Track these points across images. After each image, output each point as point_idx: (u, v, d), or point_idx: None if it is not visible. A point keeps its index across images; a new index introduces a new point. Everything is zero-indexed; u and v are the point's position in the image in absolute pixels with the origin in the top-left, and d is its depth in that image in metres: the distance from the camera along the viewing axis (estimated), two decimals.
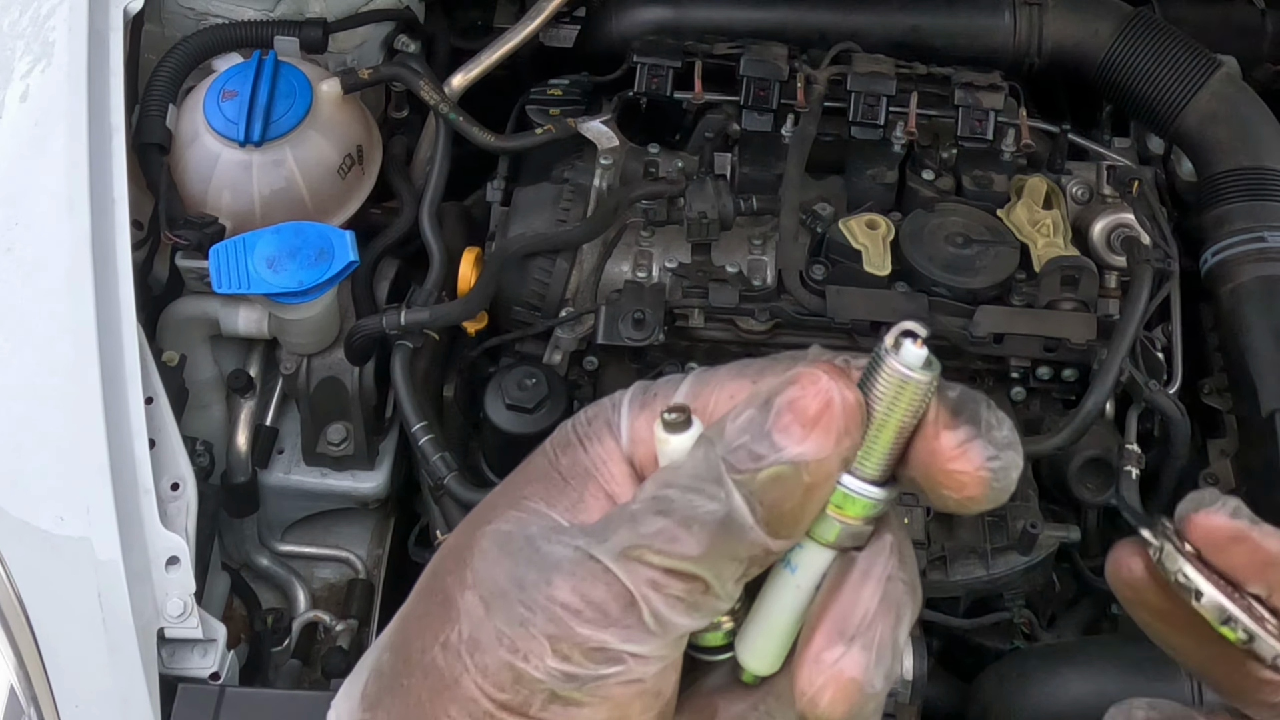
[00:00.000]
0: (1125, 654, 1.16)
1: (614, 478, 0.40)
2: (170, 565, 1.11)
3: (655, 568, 0.36)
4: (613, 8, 1.59)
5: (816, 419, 0.36)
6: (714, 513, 0.36)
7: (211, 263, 1.24)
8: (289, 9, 1.48)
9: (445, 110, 1.42)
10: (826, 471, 0.37)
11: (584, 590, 0.37)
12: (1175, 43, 1.50)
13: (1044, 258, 1.35)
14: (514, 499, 0.40)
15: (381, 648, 0.41)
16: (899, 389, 0.37)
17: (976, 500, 0.37)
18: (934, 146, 1.45)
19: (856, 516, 0.38)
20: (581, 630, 0.36)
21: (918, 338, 0.37)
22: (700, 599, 0.37)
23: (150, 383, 1.19)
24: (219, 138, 1.35)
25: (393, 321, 1.28)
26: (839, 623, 0.38)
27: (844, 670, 0.37)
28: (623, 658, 0.37)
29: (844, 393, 0.37)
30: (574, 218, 1.39)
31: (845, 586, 0.38)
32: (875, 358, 0.38)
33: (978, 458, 0.37)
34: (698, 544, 0.36)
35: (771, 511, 0.36)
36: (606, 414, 0.41)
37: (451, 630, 0.38)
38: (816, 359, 0.39)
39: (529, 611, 0.37)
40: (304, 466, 1.36)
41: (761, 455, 0.36)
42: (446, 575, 0.39)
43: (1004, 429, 0.37)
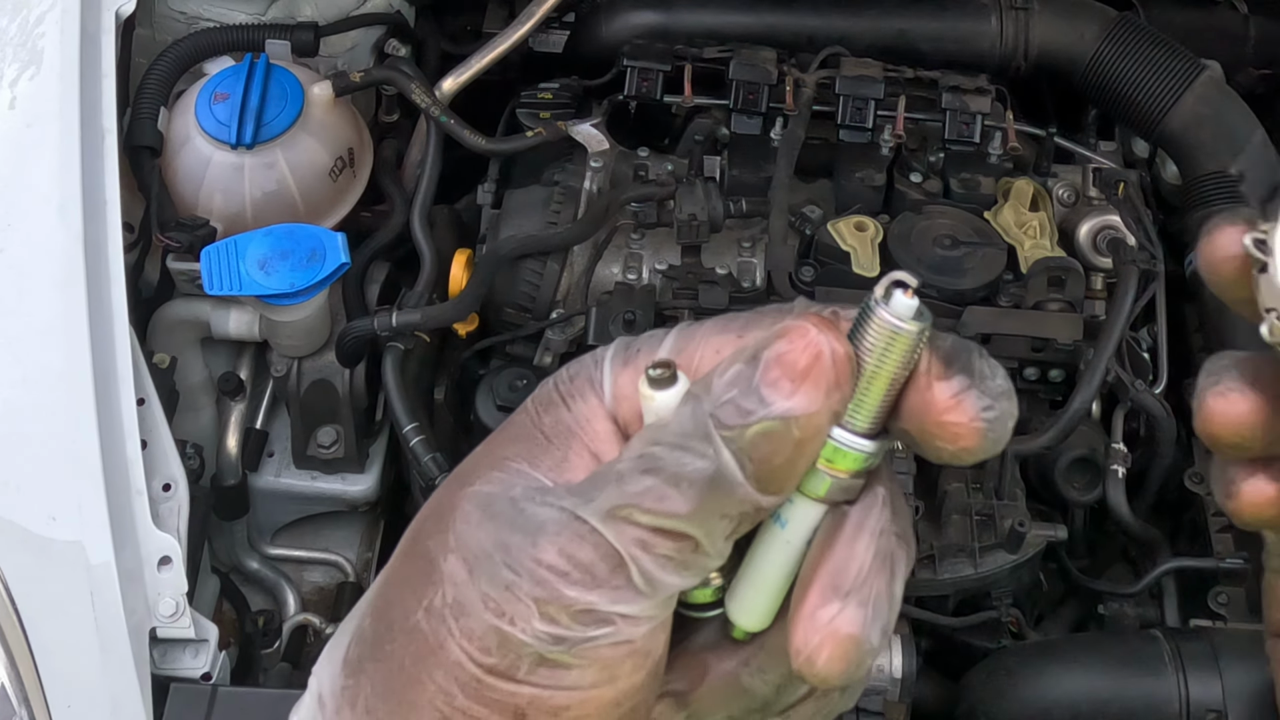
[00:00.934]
0: (1112, 650, 1.17)
1: (598, 436, 0.39)
2: (162, 565, 1.11)
3: (643, 527, 0.36)
4: (603, 12, 1.60)
5: (806, 372, 0.36)
6: (703, 470, 0.36)
7: (203, 265, 1.24)
8: (280, 13, 1.49)
9: (436, 113, 1.43)
10: (817, 426, 0.36)
11: (571, 551, 0.36)
12: (1159, 47, 1.51)
13: (1031, 259, 1.36)
14: (496, 459, 0.39)
15: (363, 613, 0.40)
16: (890, 340, 0.36)
17: (971, 451, 0.37)
18: (922, 149, 1.46)
19: (847, 470, 0.38)
20: (569, 592, 0.36)
21: (908, 288, 0.36)
22: (690, 558, 0.36)
23: (142, 384, 1.19)
24: (210, 140, 1.35)
25: (384, 323, 1.28)
26: (833, 579, 0.37)
27: (840, 627, 0.36)
28: (611, 619, 0.36)
29: (833, 345, 0.36)
30: (564, 220, 1.40)
31: (838, 542, 0.37)
32: (865, 309, 0.37)
33: (973, 408, 0.36)
34: (687, 502, 0.36)
35: (761, 467, 0.36)
36: (589, 371, 0.40)
37: (435, 594, 0.37)
38: (804, 312, 0.38)
39: (514, 574, 0.36)
40: (294, 469, 1.36)
41: (750, 410, 0.35)
42: (428, 539, 0.39)
43: (998, 378, 0.37)
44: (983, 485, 1.24)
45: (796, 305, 0.39)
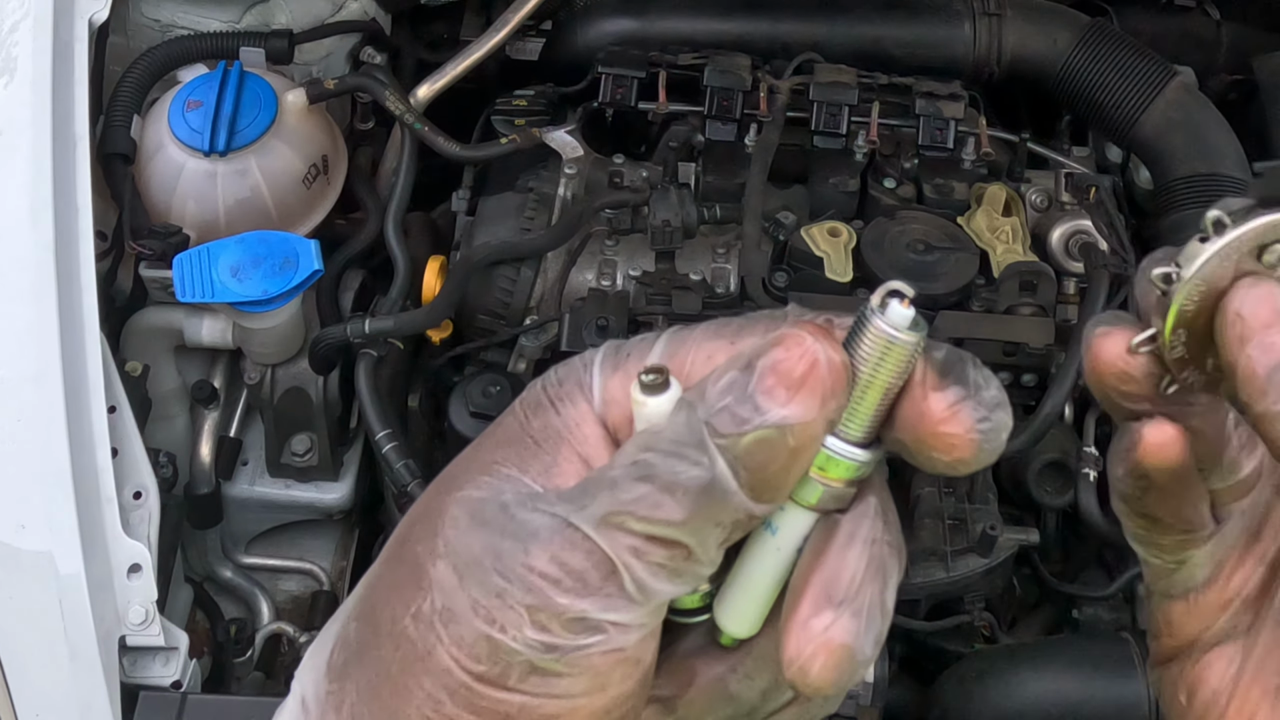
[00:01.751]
0: (1083, 653, 1.18)
1: (587, 440, 0.39)
2: (132, 573, 1.11)
3: (636, 534, 0.36)
4: (578, 19, 1.60)
5: (802, 381, 0.35)
6: (697, 478, 0.35)
7: (175, 272, 1.24)
8: (255, 20, 1.49)
9: (411, 120, 1.43)
10: (812, 434, 0.36)
11: (563, 559, 0.36)
12: (1132, 52, 1.52)
13: (1003, 264, 1.37)
14: (485, 463, 0.39)
15: (347, 617, 0.40)
16: (885, 349, 0.36)
17: (966, 462, 0.37)
18: (895, 155, 1.47)
19: (840, 479, 0.38)
20: (560, 600, 0.36)
21: (904, 297, 0.37)
22: (682, 565, 0.36)
23: (113, 392, 1.19)
24: (184, 148, 1.35)
25: (357, 330, 1.28)
26: (826, 588, 0.37)
27: (834, 637, 0.36)
28: (603, 627, 0.36)
29: (829, 354, 0.36)
30: (538, 227, 1.40)
31: (830, 550, 0.37)
32: (860, 318, 0.37)
33: (968, 419, 0.36)
34: (680, 510, 0.35)
35: (755, 475, 0.36)
36: (578, 374, 0.40)
37: (423, 600, 0.37)
38: (798, 319, 0.38)
39: (506, 581, 0.36)
40: (268, 478, 1.36)
41: (745, 419, 0.35)
42: (416, 543, 0.38)
43: (992, 388, 0.37)
44: (955, 489, 1.24)
45: (790, 312, 0.39)
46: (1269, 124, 1.53)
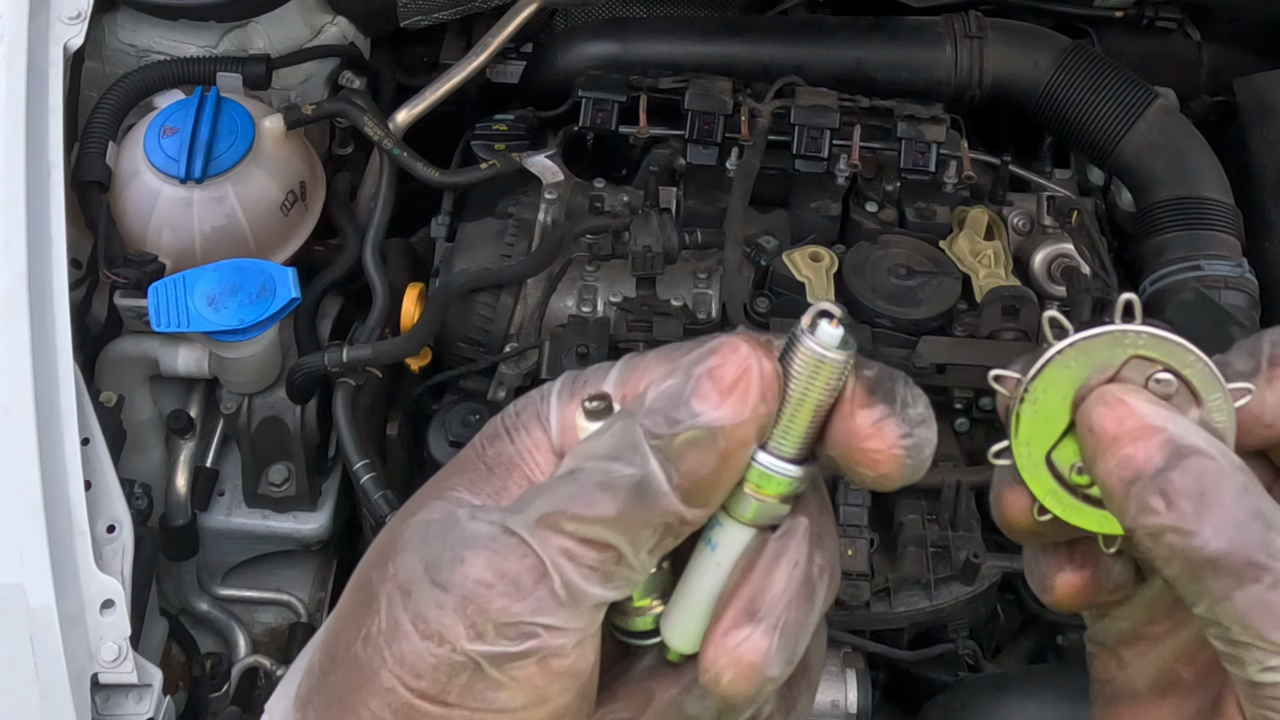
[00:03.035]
0: (1068, 680, 1.17)
1: (539, 466, 0.41)
2: (105, 609, 1.09)
3: (569, 535, 0.36)
4: (559, 43, 1.60)
5: (734, 385, 0.37)
6: (629, 476, 0.37)
7: (150, 301, 1.23)
8: (232, 45, 1.47)
9: (389, 146, 1.42)
10: (741, 438, 0.37)
11: (497, 564, 0.37)
12: (1113, 75, 1.52)
13: (985, 288, 1.36)
14: (439, 490, 0.41)
15: (315, 647, 0.41)
16: (815, 368, 0.38)
17: (891, 477, 0.38)
18: (877, 179, 1.47)
19: (774, 495, 0.39)
20: (494, 604, 0.36)
21: (833, 318, 0.38)
22: (613, 569, 0.37)
23: (87, 423, 1.17)
24: (159, 175, 1.34)
25: (335, 359, 1.27)
26: (747, 603, 0.38)
27: (744, 653, 0.37)
28: (537, 631, 0.37)
29: (761, 361, 0.37)
30: (518, 253, 1.39)
31: (756, 567, 0.39)
32: (792, 338, 0.39)
33: (891, 435, 0.38)
34: (612, 507, 0.36)
35: (687, 478, 0.37)
36: (535, 405, 0.41)
37: (373, 623, 0.38)
38: (737, 332, 0.39)
39: (443, 591, 0.37)
40: (245, 508, 1.34)
41: (678, 420, 0.37)
42: (371, 570, 0.39)
43: (919, 406, 0.38)
44: (938, 517, 1.23)
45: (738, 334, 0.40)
46: (1250, 145, 1.53)
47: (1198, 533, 0.36)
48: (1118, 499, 0.38)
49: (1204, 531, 0.36)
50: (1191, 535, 0.36)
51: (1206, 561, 0.36)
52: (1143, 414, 0.38)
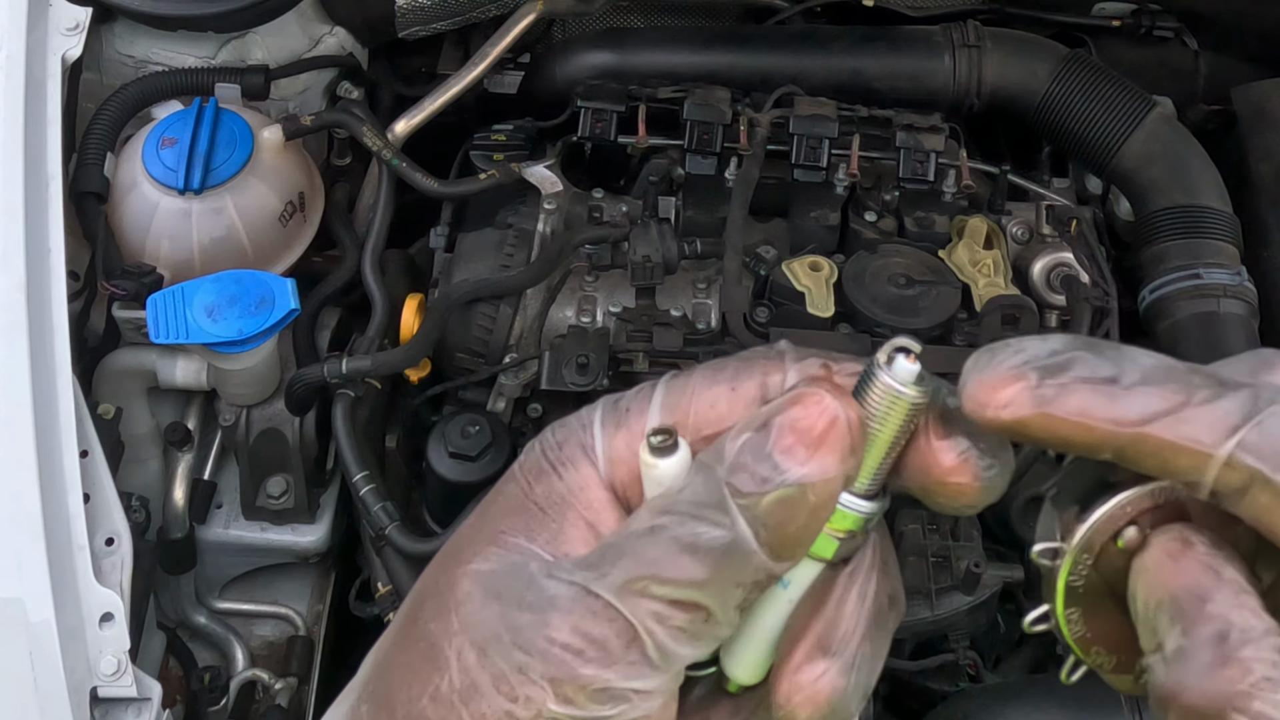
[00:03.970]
0: (1068, 691, 1.16)
1: (593, 505, 0.39)
2: (104, 622, 1.09)
3: (658, 599, 0.35)
4: (557, 53, 1.60)
5: (821, 439, 0.36)
6: (719, 538, 0.36)
7: (149, 313, 1.22)
8: (231, 56, 1.47)
9: (388, 156, 1.42)
10: (831, 492, 0.36)
11: (585, 628, 0.36)
12: (1111, 83, 1.52)
13: (985, 297, 1.36)
14: (491, 534, 0.39)
15: (357, 698, 0.39)
16: (891, 404, 0.37)
17: (974, 506, 0.38)
18: (876, 188, 1.46)
19: (847, 530, 0.38)
20: (584, 671, 0.35)
21: (910, 353, 0.37)
22: (703, 628, 0.36)
23: (85, 436, 1.17)
24: (158, 186, 1.34)
25: (334, 370, 1.26)
26: (820, 638, 0.37)
27: (821, 690, 0.37)
28: (627, 696, 0.36)
29: (848, 411, 0.36)
30: (517, 263, 1.39)
31: (829, 602, 0.38)
32: (867, 373, 0.38)
33: (975, 467, 0.37)
34: (703, 570, 0.35)
35: (775, 534, 0.36)
36: (578, 435, 0.40)
37: (442, 679, 0.37)
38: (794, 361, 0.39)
39: (526, 655, 0.35)
40: (243, 521, 1.33)
41: (766, 478, 0.36)
42: (429, 622, 0.38)
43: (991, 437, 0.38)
44: (938, 527, 1.23)
45: (784, 350, 0.39)
46: (1247, 154, 1.53)
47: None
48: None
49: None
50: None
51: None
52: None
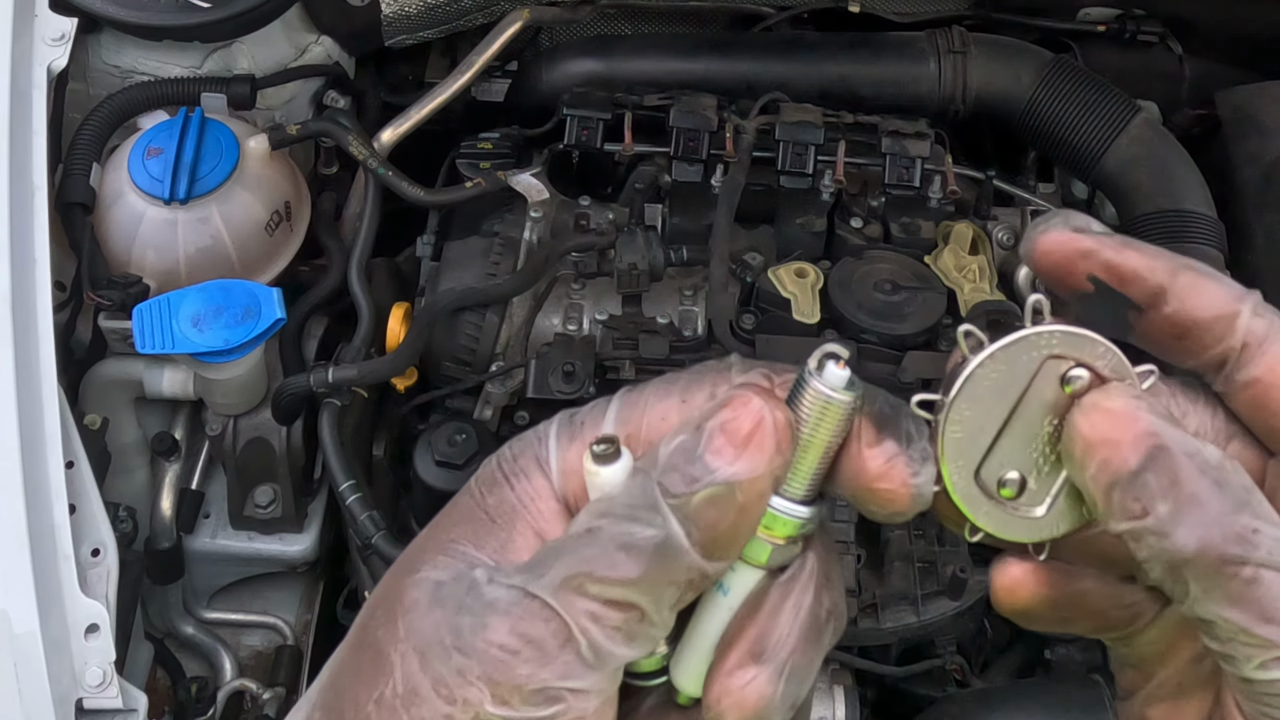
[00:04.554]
0: (1054, 696, 1.17)
1: (543, 515, 0.40)
2: (90, 633, 1.09)
3: (593, 598, 0.36)
4: (543, 61, 1.60)
5: (749, 439, 0.37)
6: (651, 538, 0.36)
7: (135, 323, 1.22)
8: (216, 65, 1.47)
9: (374, 165, 1.42)
10: (759, 491, 0.37)
11: (522, 629, 0.36)
12: (1096, 88, 1.53)
13: (970, 303, 1.36)
14: (441, 543, 0.40)
15: (310, 706, 0.40)
16: (823, 410, 0.38)
17: (904, 513, 0.39)
18: (862, 194, 1.47)
19: (784, 536, 0.39)
20: (520, 671, 0.36)
21: (840, 359, 0.38)
22: (637, 628, 0.37)
23: (71, 447, 1.16)
24: (144, 196, 1.34)
25: (320, 379, 1.26)
26: (753, 645, 0.38)
27: (748, 696, 0.38)
28: (563, 696, 0.36)
29: (774, 412, 0.37)
30: (504, 271, 1.39)
31: (764, 608, 0.39)
32: (799, 380, 0.39)
33: (901, 475, 0.38)
34: (636, 568, 0.36)
35: (707, 534, 0.37)
36: (534, 449, 0.41)
37: (386, 685, 0.37)
38: (740, 373, 0.39)
39: (465, 658, 0.36)
40: (230, 530, 1.33)
41: (695, 477, 0.37)
42: (378, 629, 0.39)
43: (923, 439, 0.39)
44: (925, 532, 1.23)
45: (733, 364, 0.40)
46: (1232, 158, 1.54)
47: (1173, 533, 0.36)
48: (1101, 505, 0.38)
49: (1178, 531, 0.36)
50: (1167, 536, 0.36)
51: (1185, 561, 0.36)
52: (1117, 413, 0.38)
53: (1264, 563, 0.35)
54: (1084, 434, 0.38)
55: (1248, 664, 0.36)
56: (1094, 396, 0.38)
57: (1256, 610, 0.35)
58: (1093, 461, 0.37)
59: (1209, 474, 0.36)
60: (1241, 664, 0.36)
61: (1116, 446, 0.37)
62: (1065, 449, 0.39)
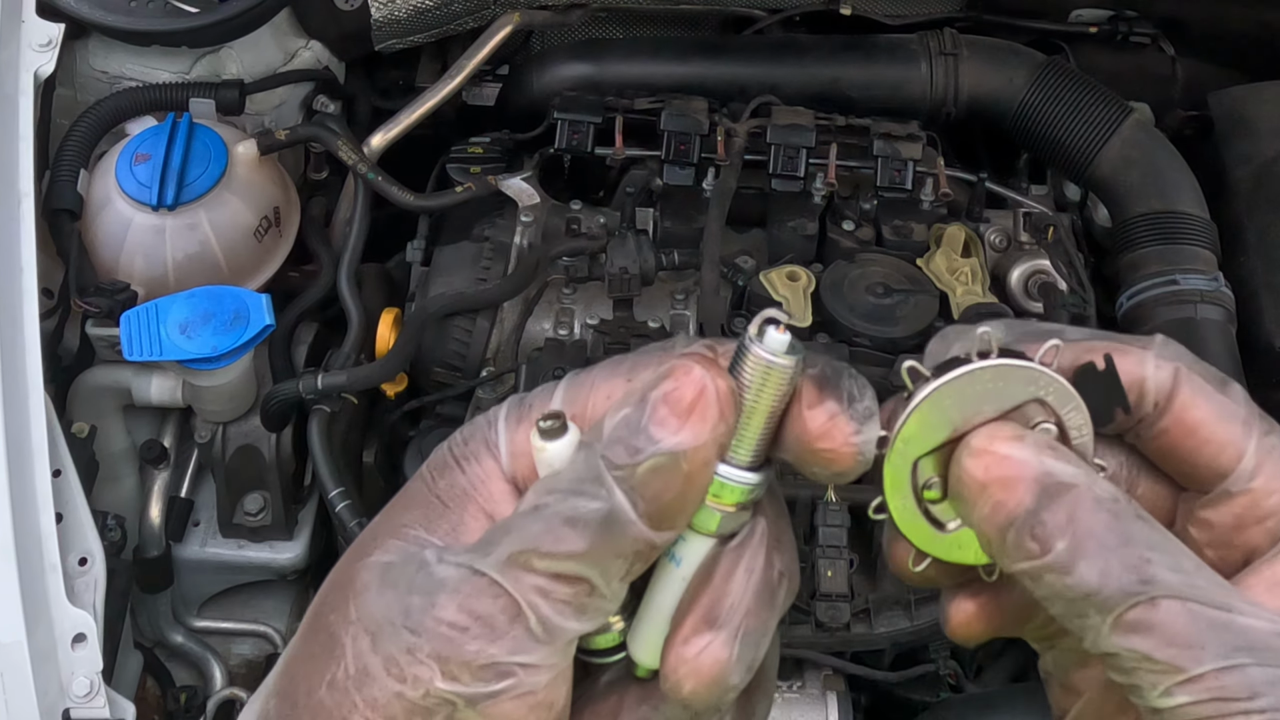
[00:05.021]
0: (1048, 702, 1.16)
1: (493, 497, 0.40)
2: (76, 643, 1.08)
3: (540, 573, 0.36)
4: (534, 65, 1.60)
5: (691, 408, 0.37)
6: (596, 510, 0.37)
7: (123, 330, 1.22)
8: (205, 71, 1.47)
9: (364, 170, 1.41)
10: (703, 459, 0.37)
11: (470, 606, 0.37)
12: (1088, 90, 1.52)
13: (963, 306, 1.36)
14: (393, 527, 0.40)
15: (267, 694, 0.40)
16: (765, 375, 0.38)
17: (847, 474, 0.39)
18: (854, 197, 1.46)
19: (733, 503, 0.39)
20: (469, 647, 0.36)
21: (780, 324, 0.38)
22: (586, 601, 0.37)
23: (58, 455, 1.16)
24: (131, 202, 1.33)
25: (309, 386, 1.26)
26: (706, 611, 0.38)
27: (704, 662, 0.38)
28: (513, 670, 0.37)
29: (716, 380, 0.37)
30: (494, 276, 1.38)
31: (715, 575, 0.39)
32: (740, 347, 0.39)
33: (843, 433, 0.38)
34: (582, 541, 0.36)
35: (653, 504, 0.37)
36: (483, 432, 0.41)
37: (338, 667, 0.38)
38: (686, 349, 0.39)
39: (415, 636, 0.37)
40: (220, 538, 1.32)
41: (639, 449, 0.37)
42: (330, 613, 0.39)
43: (866, 399, 0.39)
44: None
45: (678, 341, 0.40)
46: (1224, 159, 1.53)
47: (1074, 569, 0.36)
48: (995, 546, 0.38)
49: (1079, 566, 0.36)
50: (1069, 573, 0.36)
51: (1087, 595, 0.36)
52: (1007, 457, 0.38)
53: (1162, 592, 0.36)
54: (975, 476, 0.38)
55: (1153, 692, 0.36)
56: (980, 439, 0.39)
57: (1158, 636, 0.36)
58: (986, 503, 0.38)
59: (1104, 507, 0.37)
60: (1147, 693, 0.36)
61: (1010, 487, 0.37)
62: (955, 491, 0.39)
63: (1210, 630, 0.35)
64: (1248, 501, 0.39)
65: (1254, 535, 0.39)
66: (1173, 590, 0.36)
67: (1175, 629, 0.35)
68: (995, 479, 0.38)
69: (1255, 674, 0.35)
